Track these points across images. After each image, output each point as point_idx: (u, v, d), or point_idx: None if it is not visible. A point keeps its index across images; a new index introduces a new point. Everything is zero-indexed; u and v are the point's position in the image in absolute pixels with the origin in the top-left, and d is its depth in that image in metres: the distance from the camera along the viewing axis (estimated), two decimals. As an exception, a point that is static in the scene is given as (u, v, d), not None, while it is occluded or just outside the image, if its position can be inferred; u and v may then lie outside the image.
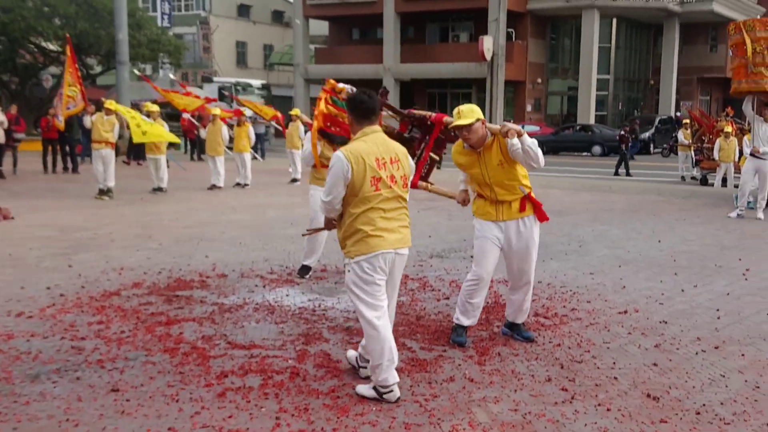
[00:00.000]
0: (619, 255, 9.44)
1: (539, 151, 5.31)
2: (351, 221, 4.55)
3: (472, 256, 9.15)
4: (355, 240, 4.56)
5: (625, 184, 19.29)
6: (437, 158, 6.36)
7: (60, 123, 16.38)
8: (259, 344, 5.58)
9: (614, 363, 5.30)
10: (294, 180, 18.32)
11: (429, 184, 6.26)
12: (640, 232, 11.25)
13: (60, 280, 7.60)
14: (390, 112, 6.67)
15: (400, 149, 4.75)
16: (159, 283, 7.57)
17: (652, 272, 8.43)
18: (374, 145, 4.55)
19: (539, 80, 41.89)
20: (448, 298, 7.15)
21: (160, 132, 14.77)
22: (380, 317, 4.57)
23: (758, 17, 15.10)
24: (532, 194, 5.62)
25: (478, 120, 5.39)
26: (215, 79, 41.82)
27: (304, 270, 7.93)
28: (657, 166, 24.67)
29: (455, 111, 5.52)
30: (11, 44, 31.96)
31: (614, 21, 41.12)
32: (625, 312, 6.69)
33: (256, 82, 40.07)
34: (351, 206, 4.55)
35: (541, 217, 5.65)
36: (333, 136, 6.60)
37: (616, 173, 22.64)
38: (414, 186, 5.89)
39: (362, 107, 4.61)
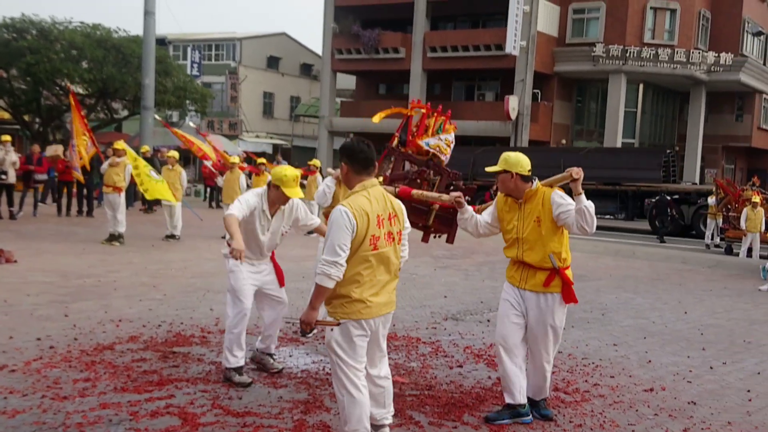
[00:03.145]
0: (643, 326, 8.98)
1: (593, 215, 4.89)
2: (340, 281, 4.18)
3: (488, 320, 8.83)
4: (343, 302, 4.23)
5: (650, 250, 18.78)
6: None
7: (79, 175, 16.32)
8: (255, 411, 5.16)
9: (640, 450, 4.84)
10: (310, 232, 17.99)
11: (417, 191, 5.80)
12: (666, 302, 10.77)
13: (53, 330, 7.22)
14: (408, 161, 6.40)
15: (398, 205, 4.46)
16: (157, 337, 7.19)
17: (679, 346, 7.97)
18: (375, 201, 4.24)
19: (564, 141, 41.59)
20: (461, 366, 6.71)
21: (160, 191, 14.62)
22: (361, 378, 4.30)
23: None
24: (567, 272, 5.14)
25: (506, 171, 5.09)
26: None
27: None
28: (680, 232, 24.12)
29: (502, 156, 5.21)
30: (36, 85, 32.18)
31: (641, 86, 40.97)
32: (652, 390, 6.24)
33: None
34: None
35: (568, 297, 5.14)
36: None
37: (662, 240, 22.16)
38: (405, 194, 5.63)
39: (362, 156, 4.29)
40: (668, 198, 22.98)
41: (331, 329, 4.23)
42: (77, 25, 33.77)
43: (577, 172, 4.82)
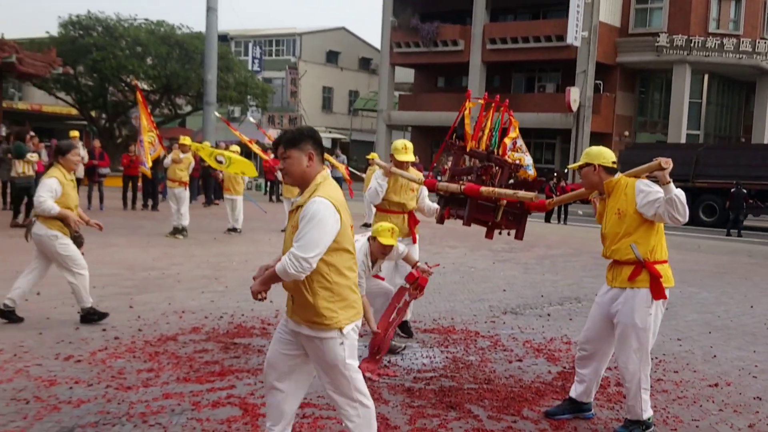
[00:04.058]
0: (708, 320, 8.78)
1: (685, 204, 4.54)
2: (334, 280, 3.78)
3: (549, 314, 8.73)
4: (345, 305, 3.81)
5: (714, 243, 18.37)
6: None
7: (147, 170, 16.64)
8: (314, 403, 5.19)
9: (705, 447, 4.73)
10: (366, 225, 18.04)
11: (487, 189, 5.69)
12: (732, 297, 10.51)
13: (117, 321, 7.38)
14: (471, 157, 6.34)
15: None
16: (219, 328, 7.29)
17: (745, 341, 7.79)
18: (338, 192, 3.86)
19: (627, 133, 40.90)
20: (521, 360, 6.66)
21: (243, 163, 14.81)
22: None
23: None
24: (660, 267, 4.75)
25: (588, 164, 4.90)
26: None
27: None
28: (746, 225, 23.44)
29: (585, 151, 5.07)
30: (102, 82, 32.93)
31: (706, 77, 40.05)
32: (716, 385, 6.10)
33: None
34: (330, 262, 3.76)
35: (657, 293, 4.72)
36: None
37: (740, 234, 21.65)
38: (473, 192, 5.65)
39: (321, 144, 3.92)
40: (744, 190, 22.40)
41: (341, 343, 3.77)
42: (142, 21, 34.51)
43: (666, 161, 4.48)
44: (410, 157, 7.12)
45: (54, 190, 7.07)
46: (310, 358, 3.91)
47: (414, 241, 7.26)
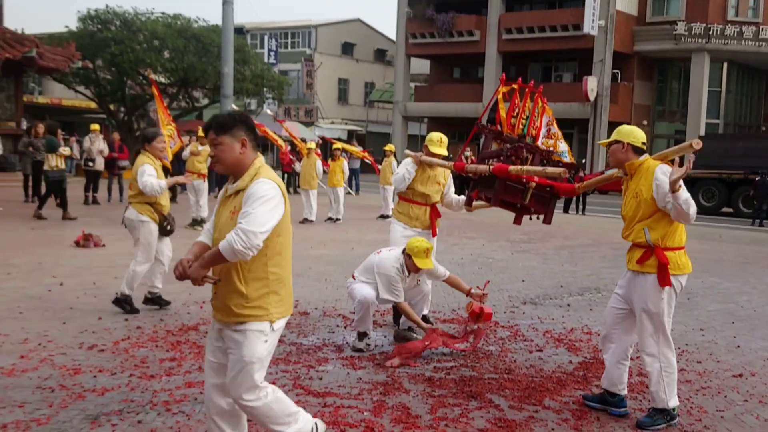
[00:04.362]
0: (731, 310, 8.71)
1: (692, 209, 4.50)
2: (270, 270, 3.60)
3: (569, 304, 8.70)
4: (278, 299, 3.63)
5: (736, 233, 18.23)
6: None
7: (167, 162, 16.69)
8: (335, 391, 5.20)
9: (729, 436, 4.70)
10: (384, 216, 18.04)
11: (516, 167, 5.69)
12: (755, 287, 10.42)
13: (140, 311, 7.43)
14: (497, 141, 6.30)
15: None
16: (239, 318, 7.31)
17: (769, 331, 7.70)
18: (279, 178, 3.65)
19: (645, 122, 40.63)
20: (541, 350, 6.63)
21: None
22: None
23: None
24: (671, 254, 4.72)
25: (617, 142, 4.87)
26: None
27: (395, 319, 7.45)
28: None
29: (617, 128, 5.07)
30: (120, 75, 33.12)
31: (725, 65, 39.71)
32: (741, 375, 6.04)
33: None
34: (268, 250, 3.55)
35: (662, 280, 4.68)
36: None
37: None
38: (502, 171, 5.64)
39: (255, 130, 3.74)
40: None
41: (265, 340, 3.60)
42: (159, 15, 34.68)
43: (698, 143, 4.46)
44: (444, 151, 7.11)
45: (152, 173, 7.30)
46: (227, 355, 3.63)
47: (434, 234, 7.22)
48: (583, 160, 34.35)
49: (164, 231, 7.64)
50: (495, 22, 40.49)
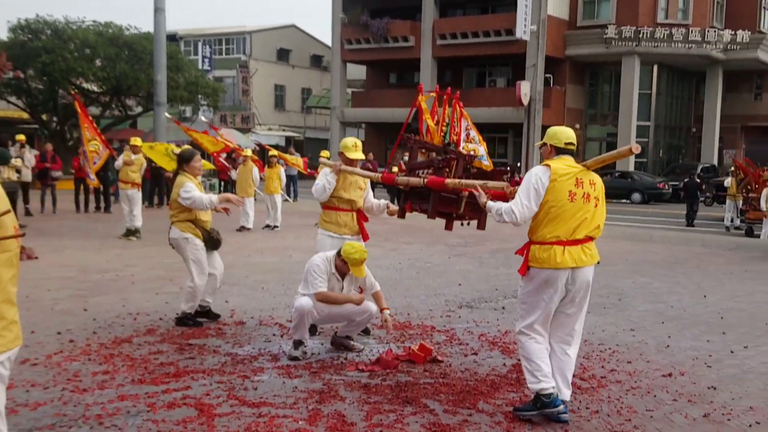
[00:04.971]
0: (661, 310, 8.92)
1: (507, 217, 5.05)
2: None
3: (503, 307, 8.81)
4: (2, 326, 2.98)
5: (667, 233, 18.68)
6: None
7: (93, 181, 16.51)
8: (270, 401, 5.17)
9: (658, 434, 4.82)
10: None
11: (453, 181, 5.76)
12: (685, 287, 10.69)
13: (73, 324, 7.30)
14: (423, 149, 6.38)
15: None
16: (173, 329, 7.23)
17: (699, 330, 7.89)
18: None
19: (578, 126, 41.34)
20: (476, 354, 6.71)
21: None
22: None
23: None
24: (536, 247, 5.01)
25: (543, 143, 5.16)
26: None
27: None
28: (700, 215, 23.90)
29: None
30: (52, 85, 32.45)
31: (655, 68, 40.58)
32: (670, 375, 6.18)
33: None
34: None
35: (521, 269, 5.12)
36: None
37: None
38: (438, 185, 5.71)
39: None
40: (698, 180, 22.76)
41: None
42: (90, 24, 34.07)
43: (637, 147, 4.71)
44: (360, 155, 7.12)
45: (195, 188, 7.30)
46: None
47: (365, 239, 7.23)
48: (519, 164, 34.90)
49: (211, 245, 7.66)
50: (429, 28, 40.78)
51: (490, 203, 5.19)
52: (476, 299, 9.31)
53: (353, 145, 7.13)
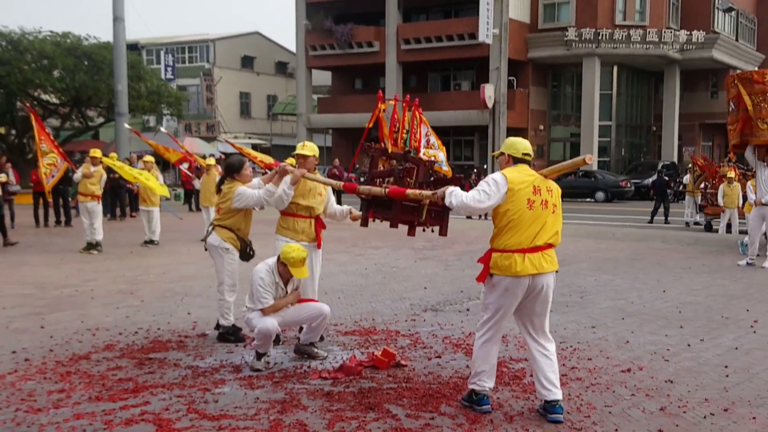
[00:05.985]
0: (622, 307, 9.02)
1: (464, 198, 5.08)
2: None
3: (468, 309, 8.84)
4: None
5: (629, 231, 18.87)
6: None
7: (48, 195, 16.40)
8: (231, 413, 5.13)
9: (616, 430, 4.85)
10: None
11: (414, 191, 5.77)
12: (645, 282, 10.81)
13: (28, 342, 7.16)
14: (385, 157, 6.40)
15: None
16: (133, 344, 7.14)
17: (657, 325, 8.01)
18: None
19: (541, 127, 41.76)
20: (440, 357, 6.71)
21: (152, 185, 14.62)
22: None
23: (757, 65, 14.98)
24: (497, 255, 5.06)
25: (502, 153, 5.27)
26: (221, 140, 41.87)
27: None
28: (660, 211, 24.15)
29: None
30: (9, 97, 31.93)
31: (615, 68, 41.15)
32: (629, 370, 6.25)
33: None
34: None
35: (479, 277, 5.20)
36: None
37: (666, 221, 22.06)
38: (399, 195, 5.74)
39: None
40: (666, 178, 22.99)
41: None
42: (47, 34, 33.52)
43: (590, 158, 4.90)
44: (313, 151, 7.10)
45: (246, 189, 7.23)
46: None
47: (319, 246, 7.22)
48: (485, 167, 35.07)
49: (245, 256, 7.60)
50: (393, 33, 40.89)
51: (447, 191, 5.21)
52: (441, 302, 9.33)
53: (302, 146, 7.12)
